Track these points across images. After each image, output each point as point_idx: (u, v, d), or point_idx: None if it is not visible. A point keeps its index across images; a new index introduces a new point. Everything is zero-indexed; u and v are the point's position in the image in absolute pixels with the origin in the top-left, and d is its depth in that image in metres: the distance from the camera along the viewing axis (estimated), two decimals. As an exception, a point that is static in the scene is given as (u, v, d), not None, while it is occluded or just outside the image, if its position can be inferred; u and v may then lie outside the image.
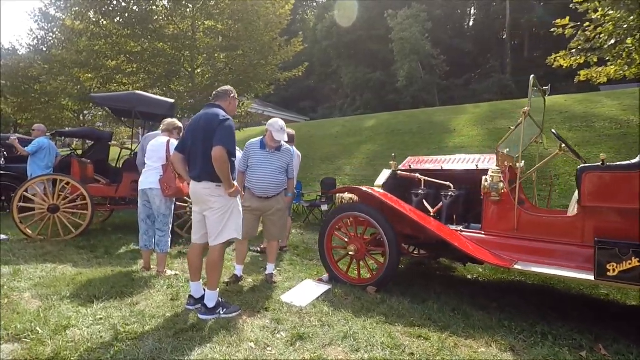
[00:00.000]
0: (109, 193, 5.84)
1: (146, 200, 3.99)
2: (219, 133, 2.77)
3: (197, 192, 2.90)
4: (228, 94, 3.05)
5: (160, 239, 3.98)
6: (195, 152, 2.88)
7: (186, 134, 3.00)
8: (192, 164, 2.93)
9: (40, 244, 5.03)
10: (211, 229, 2.91)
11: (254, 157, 3.82)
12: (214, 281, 2.90)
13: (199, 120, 2.92)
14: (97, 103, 5.57)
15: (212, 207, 2.87)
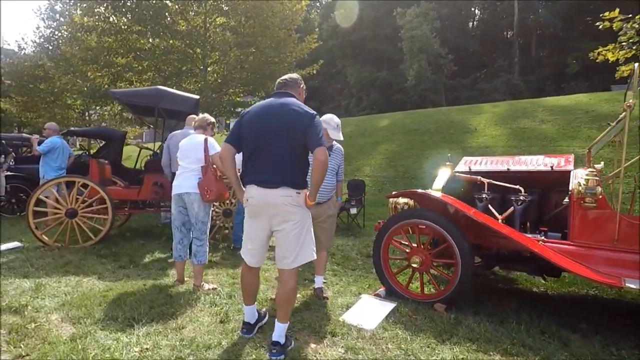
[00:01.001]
0: (130, 196, 5.41)
1: (181, 206, 3.56)
2: (315, 131, 2.30)
3: (271, 201, 2.31)
4: (298, 83, 2.58)
5: (198, 249, 3.55)
6: (269, 150, 2.32)
7: (249, 125, 2.39)
8: (259, 164, 2.35)
9: (58, 252, 4.61)
10: (288, 249, 2.35)
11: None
12: (288, 313, 2.40)
13: (277, 111, 2.36)
14: (117, 99, 5.13)
15: (291, 219, 2.32)
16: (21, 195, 7.48)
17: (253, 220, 2.42)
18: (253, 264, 2.50)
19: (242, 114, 2.47)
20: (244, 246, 2.52)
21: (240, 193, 2.47)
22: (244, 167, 2.43)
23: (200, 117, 3.79)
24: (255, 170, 2.36)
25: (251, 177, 2.37)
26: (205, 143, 3.56)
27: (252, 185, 2.36)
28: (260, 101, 2.53)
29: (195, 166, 3.53)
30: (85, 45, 11.72)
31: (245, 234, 2.49)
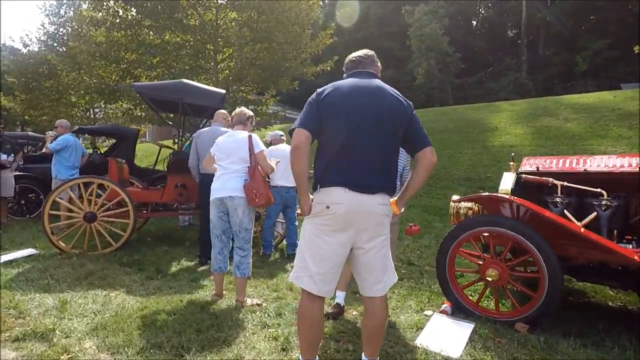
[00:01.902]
0: (152, 198, 5.01)
1: (222, 212, 3.15)
2: (420, 125, 1.91)
3: (368, 211, 1.84)
4: (377, 61, 2.12)
5: (242, 260, 3.15)
6: (367, 144, 1.85)
7: (337, 108, 1.86)
8: (352, 162, 1.84)
9: (76, 259, 4.20)
10: (379, 270, 1.91)
11: None
12: (378, 348, 1.99)
13: (376, 96, 1.89)
14: (140, 93, 4.70)
15: (382, 233, 1.92)
16: (31, 196, 7.08)
17: (330, 234, 1.86)
18: (323, 292, 1.88)
19: (319, 93, 1.92)
20: (303, 269, 1.91)
21: (306, 199, 1.93)
22: (322, 163, 1.91)
23: (238, 110, 3.37)
24: (346, 168, 1.84)
25: (338, 177, 1.84)
26: (250, 140, 3.16)
27: (339, 189, 1.83)
28: (348, 80, 1.97)
29: (239, 166, 3.12)
30: (93, 41, 11.31)
31: (312, 254, 1.89)
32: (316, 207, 1.90)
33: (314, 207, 1.91)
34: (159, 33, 10.94)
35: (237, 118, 3.34)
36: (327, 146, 1.89)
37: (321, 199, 1.88)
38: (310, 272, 1.88)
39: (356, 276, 1.99)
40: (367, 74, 2.02)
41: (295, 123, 1.88)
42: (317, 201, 1.90)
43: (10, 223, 6.21)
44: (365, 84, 1.94)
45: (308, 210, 1.92)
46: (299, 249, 2.00)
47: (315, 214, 1.90)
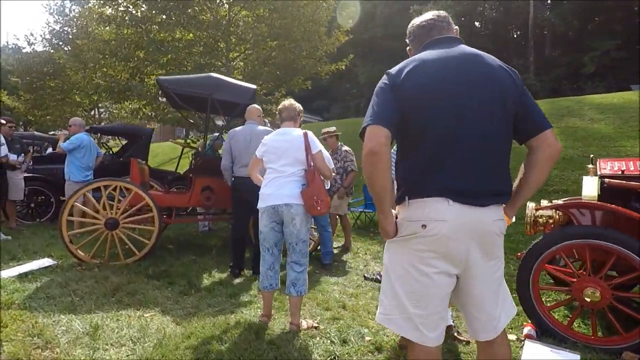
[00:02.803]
0: (179, 202, 4.60)
1: (276, 222, 2.74)
2: (532, 101, 1.45)
3: (483, 230, 1.38)
4: (452, 22, 1.62)
5: (298, 277, 2.74)
6: (475, 138, 1.37)
7: (425, 93, 1.37)
8: (457, 163, 1.36)
9: (98, 271, 3.79)
10: (494, 302, 1.45)
11: None
12: None
13: (478, 69, 1.40)
14: (166, 88, 4.27)
15: (498, 255, 1.46)
16: (40, 199, 6.67)
17: (430, 263, 1.37)
18: (431, 340, 1.40)
19: (394, 75, 1.41)
20: (397, 309, 1.43)
21: (390, 219, 1.42)
22: (409, 166, 1.43)
23: (287, 104, 2.95)
24: (447, 172, 1.36)
25: (436, 183, 1.36)
26: (306, 138, 2.75)
27: (439, 201, 1.35)
28: (429, 52, 1.45)
29: (295, 169, 2.72)
30: (102, 38, 10.94)
31: (408, 290, 1.41)
32: (407, 227, 1.40)
33: (403, 226, 1.42)
34: (170, 30, 10.56)
35: (286, 113, 2.92)
36: (414, 144, 1.41)
37: (414, 216, 1.39)
38: (408, 314, 1.40)
39: (462, 310, 1.53)
40: (450, 41, 1.51)
41: (366, 119, 1.38)
42: (406, 218, 1.41)
43: (20, 228, 5.80)
44: (458, 55, 1.44)
45: (393, 232, 1.44)
46: (385, 281, 1.52)
47: (405, 236, 1.41)
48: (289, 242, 2.75)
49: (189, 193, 4.55)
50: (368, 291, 3.73)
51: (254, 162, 2.91)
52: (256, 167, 2.91)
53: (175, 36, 10.85)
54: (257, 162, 2.88)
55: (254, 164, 2.90)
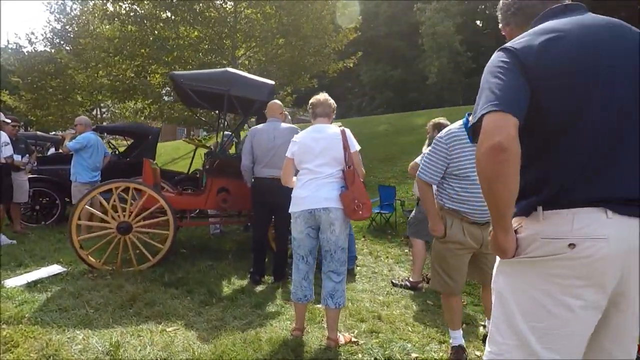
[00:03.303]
0: (194, 205, 4.37)
1: (312, 227, 2.50)
2: None
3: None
4: None
5: (336, 287, 2.49)
6: (627, 131, 1.07)
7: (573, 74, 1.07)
8: (615, 163, 1.06)
9: (111, 279, 3.55)
10: (632, 337, 1.14)
11: (465, 159, 2.24)
12: None
13: (619, 44, 1.10)
14: (181, 84, 4.02)
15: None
16: (45, 200, 6.42)
17: (575, 293, 1.07)
18: None
19: (519, 49, 1.11)
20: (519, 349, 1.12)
21: (509, 231, 1.11)
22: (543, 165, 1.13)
23: (322, 98, 2.69)
24: (603, 173, 1.06)
25: (588, 188, 1.07)
26: (344, 136, 2.51)
27: (596, 211, 1.05)
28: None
29: (333, 170, 2.48)
30: (106, 36, 10.71)
31: (539, 327, 1.10)
32: (541, 246, 1.10)
33: (534, 245, 1.11)
34: (175, 27, 10.33)
35: (321, 109, 2.67)
36: (553, 140, 1.11)
37: (554, 232, 1.08)
38: (536, 357, 1.09)
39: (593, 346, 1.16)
40: (580, 9, 1.20)
41: (483, 105, 1.08)
42: (541, 234, 1.10)
43: (25, 231, 5.56)
44: (605, 23, 1.14)
45: (513, 250, 1.13)
46: (499, 311, 1.19)
47: (537, 258, 1.10)
48: (325, 249, 2.51)
49: (204, 195, 4.31)
50: (400, 299, 3.50)
51: (287, 164, 2.64)
52: (290, 169, 2.65)
53: (180, 33, 10.62)
54: (290, 162, 2.62)
55: (288, 165, 2.64)
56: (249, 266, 4.18)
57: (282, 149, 3.72)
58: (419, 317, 3.09)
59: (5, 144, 4.89)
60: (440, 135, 2.32)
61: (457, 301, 2.42)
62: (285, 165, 2.65)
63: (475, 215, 2.24)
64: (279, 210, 3.79)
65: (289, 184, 2.68)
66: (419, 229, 3.91)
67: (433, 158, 2.30)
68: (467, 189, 2.25)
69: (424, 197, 2.36)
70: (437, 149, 2.29)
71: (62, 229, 5.89)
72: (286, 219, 3.99)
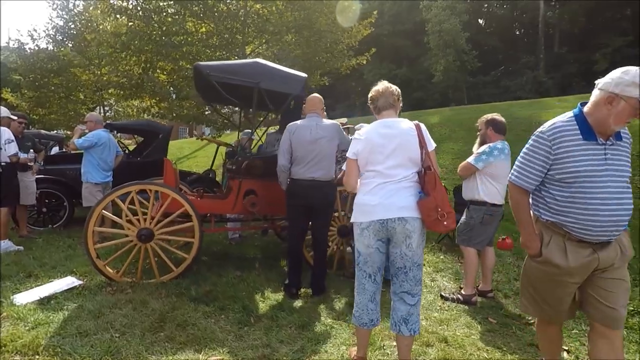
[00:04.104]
0: (221, 209, 3.97)
1: (382, 240, 2.11)
2: None
3: None
4: None
5: (412, 311, 2.11)
6: None
7: None
8: None
9: (132, 293, 3.17)
10: None
11: (574, 160, 1.82)
12: None
13: None
14: (207, 76, 3.59)
15: None
16: (51, 202, 6.02)
17: None
18: None
19: None
20: None
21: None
22: None
23: (383, 88, 2.29)
24: None
25: None
26: (419, 131, 2.13)
27: None
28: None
29: (408, 172, 2.09)
30: (112, 31, 10.31)
31: None
32: None
33: None
34: (182, 22, 9.93)
35: (383, 100, 2.27)
36: None
37: None
38: None
39: None
40: None
41: None
42: None
43: (31, 236, 5.17)
44: None
45: None
46: None
47: None
48: (397, 266, 2.12)
49: (230, 198, 3.91)
50: (457, 316, 3.12)
51: (351, 166, 2.25)
52: (355, 172, 2.25)
53: (188, 29, 10.22)
54: (354, 164, 2.22)
55: (352, 168, 2.24)
56: (281, 276, 3.82)
57: (324, 148, 3.34)
58: (489, 340, 2.71)
59: (8, 141, 4.50)
60: (542, 130, 1.92)
61: (557, 331, 2.03)
62: (348, 168, 2.26)
63: (584, 232, 1.79)
64: (318, 215, 3.42)
65: (353, 190, 2.29)
66: (470, 236, 3.53)
67: (531, 158, 1.90)
68: (574, 197, 1.81)
69: (518, 208, 1.96)
70: (537, 146, 1.89)
71: (71, 233, 5.52)
72: (326, 225, 3.64)
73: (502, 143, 3.51)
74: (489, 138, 3.54)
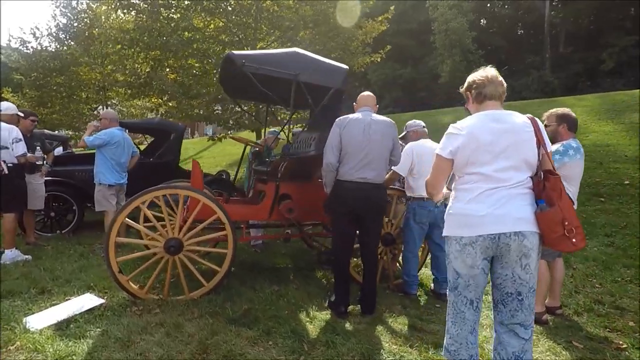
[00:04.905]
0: (256, 216, 3.56)
1: (487, 259, 1.72)
2: None
3: None
4: None
5: (525, 347, 1.72)
6: None
7: None
8: None
9: (161, 313, 2.77)
10: None
11: None
12: None
13: None
14: (242, 66, 3.17)
15: None
16: (59, 205, 5.61)
17: None
18: None
19: None
20: None
21: None
22: None
23: (490, 74, 1.91)
24: None
25: None
26: (536, 126, 1.73)
27: None
28: None
29: (522, 176, 1.70)
30: (120, 27, 9.92)
31: None
32: None
33: None
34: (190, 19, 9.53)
35: (491, 88, 1.86)
36: None
37: None
38: None
39: None
40: None
41: None
42: None
43: (40, 244, 4.76)
44: None
45: None
46: None
47: None
48: (508, 291, 1.72)
49: (266, 203, 3.51)
50: (535, 340, 2.71)
51: (442, 167, 1.85)
52: (445, 174, 1.88)
53: (196, 25, 9.82)
54: (446, 165, 1.84)
55: (444, 169, 1.86)
56: (321, 290, 3.44)
57: (378, 146, 2.94)
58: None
59: (16, 141, 4.09)
60: None
61: None
62: (438, 169, 1.86)
63: None
64: (369, 223, 3.02)
65: (436, 196, 1.89)
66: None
67: None
68: None
69: None
70: None
71: (81, 239, 5.12)
72: (378, 235, 3.23)
73: (576, 141, 3.11)
74: (561, 136, 3.13)
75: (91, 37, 13.04)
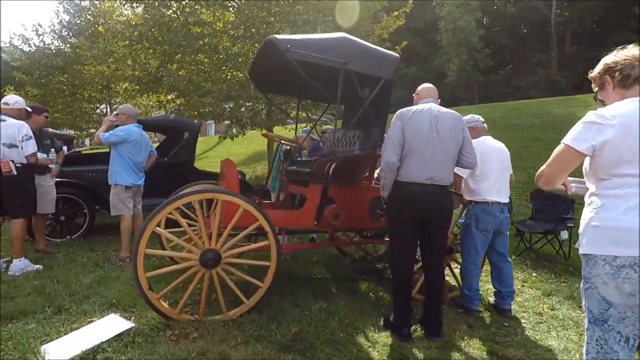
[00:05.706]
0: (300, 222, 3.14)
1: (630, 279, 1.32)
2: None
3: None
4: None
5: None
6: None
7: None
8: None
9: (199, 338, 2.37)
10: None
11: None
12: None
13: None
14: (286, 51, 2.75)
15: None
16: (69, 209, 5.20)
17: None
18: None
19: None
20: None
21: None
22: None
23: (637, 53, 1.54)
24: None
25: None
26: None
27: None
28: None
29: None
30: (129, 22, 9.54)
31: None
32: None
33: None
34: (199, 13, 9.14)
35: (625, 73, 1.51)
36: None
37: None
38: None
39: None
40: None
41: None
42: None
43: (50, 251, 4.35)
44: None
45: None
46: None
47: None
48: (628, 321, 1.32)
49: (310, 208, 3.10)
50: None
51: (570, 161, 1.48)
52: (570, 170, 1.52)
53: (205, 19, 9.43)
54: (577, 160, 1.47)
55: (569, 164, 1.49)
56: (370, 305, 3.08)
57: (447, 143, 2.54)
58: None
59: (27, 138, 3.69)
60: None
61: None
62: (562, 162, 1.51)
63: None
64: (437, 231, 2.63)
65: (555, 187, 1.54)
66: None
67: None
68: None
69: None
70: None
71: (93, 245, 4.73)
72: (444, 245, 2.85)
73: None
74: None
75: (95, 34, 12.64)
